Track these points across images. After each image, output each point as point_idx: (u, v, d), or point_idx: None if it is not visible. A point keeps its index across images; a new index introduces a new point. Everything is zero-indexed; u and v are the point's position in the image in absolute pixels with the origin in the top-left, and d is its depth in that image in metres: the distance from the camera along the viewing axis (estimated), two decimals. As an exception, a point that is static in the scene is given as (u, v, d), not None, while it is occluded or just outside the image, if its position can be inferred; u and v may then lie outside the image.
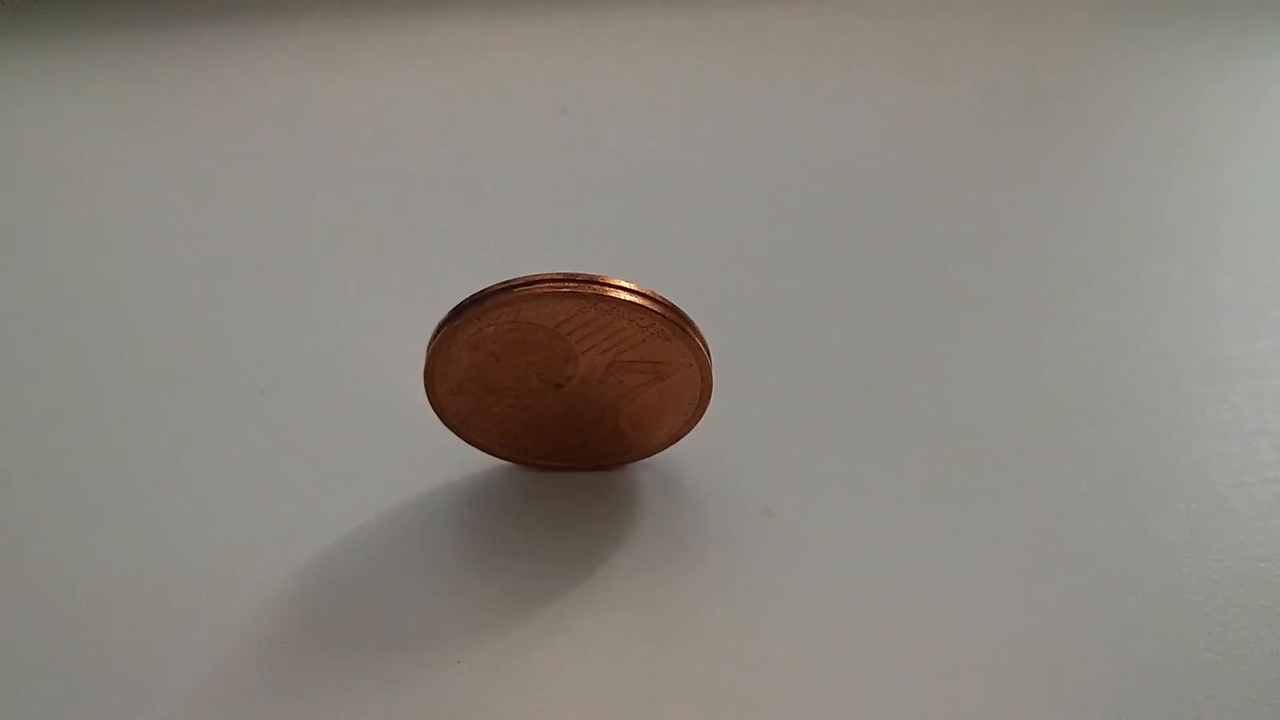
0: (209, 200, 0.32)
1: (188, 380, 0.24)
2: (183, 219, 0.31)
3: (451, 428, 0.20)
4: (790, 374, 0.25)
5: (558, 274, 0.17)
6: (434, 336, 0.18)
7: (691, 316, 0.19)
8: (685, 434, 0.21)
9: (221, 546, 0.20)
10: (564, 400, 0.20)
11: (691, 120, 0.37)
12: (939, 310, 0.27)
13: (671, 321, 0.18)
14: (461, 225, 0.31)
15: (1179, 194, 0.33)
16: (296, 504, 0.21)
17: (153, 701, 0.17)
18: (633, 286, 0.18)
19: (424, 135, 0.36)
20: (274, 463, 0.22)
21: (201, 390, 0.24)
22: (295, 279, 0.28)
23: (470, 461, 0.21)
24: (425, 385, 0.19)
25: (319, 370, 0.25)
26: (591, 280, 0.17)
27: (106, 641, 0.18)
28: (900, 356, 0.25)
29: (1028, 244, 0.30)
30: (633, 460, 0.21)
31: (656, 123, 0.37)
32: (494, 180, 0.33)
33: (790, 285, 0.28)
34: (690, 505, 0.21)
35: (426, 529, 0.20)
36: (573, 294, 0.17)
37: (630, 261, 0.28)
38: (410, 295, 0.27)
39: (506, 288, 0.18)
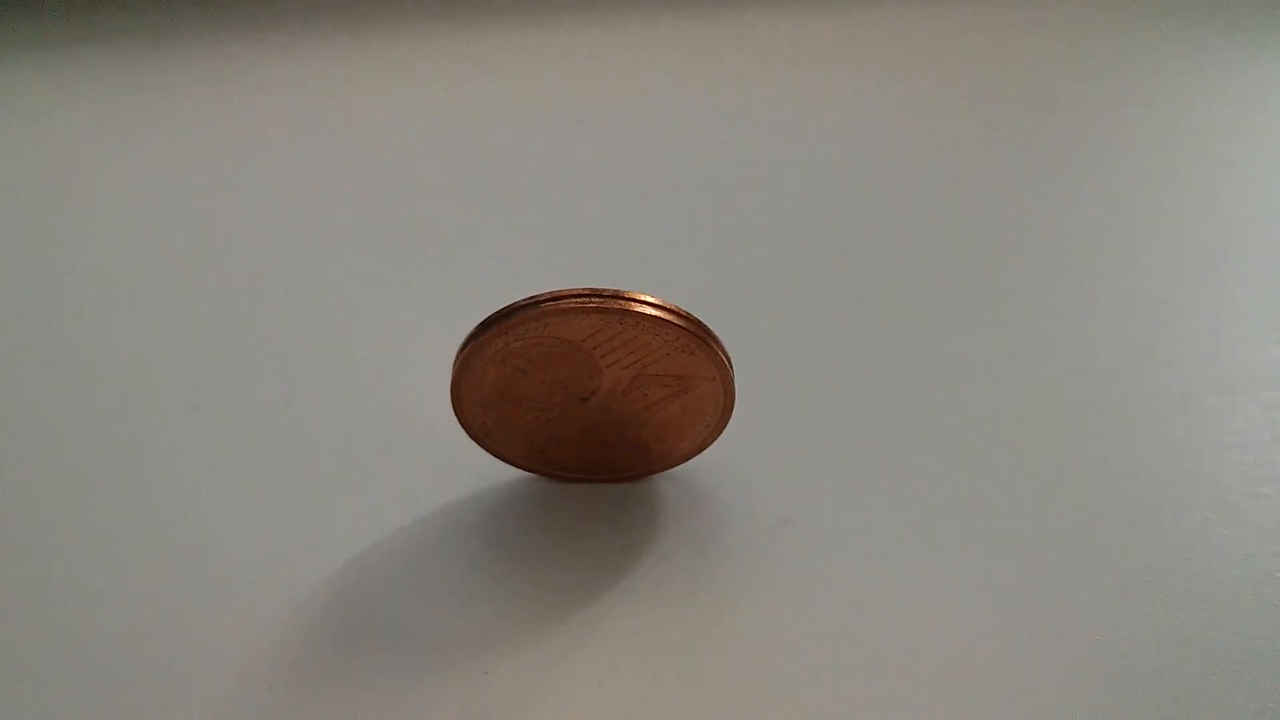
0: (235, 213, 0.32)
1: (213, 393, 0.25)
2: (209, 231, 0.31)
3: (477, 440, 0.21)
4: (808, 385, 0.25)
5: (584, 289, 0.18)
6: (461, 350, 0.19)
7: (714, 329, 0.19)
8: (707, 446, 0.21)
9: (248, 558, 0.20)
10: (589, 413, 0.20)
11: (710, 130, 0.37)
12: (952, 321, 0.27)
13: (695, 336, 0.18)
14: (485, 238, 0.31)
15: (1190, 200, 0.33)
16: (322, 516, 0.21)
17: (182, 709, 0.17)
18: (657, 301, 0.18)
19: (446, 147, 0.36)
20: (300, 475, 0.22)
21: (227, 403, 0.24)
22: (321, 292, 0.28)
23: (494, 473, 0.22)
24: (452, 399, 0.20)
25: (344, 383, 0.25)
26: (617, 295, 0.18)
27: (133, 653, 0.18)
28: (915, 367, 0.25)
29: (1043, 255, 0.30)
30: (655, 472, 0.22)
31: (674, 133, 0.37)
32: (516, 192, 0.33)
33: (809, 296, 0.28)
34: (711, 515, 0.21)
35: (452, 540, 0.21)
36: (599, 309, 0.18)
37: (650, 273, 0.28)
38: (435, 308, 0.27)
39: (533, 303, 0.18)
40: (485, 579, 0.20)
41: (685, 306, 0.19)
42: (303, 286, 0.29)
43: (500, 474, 0.22)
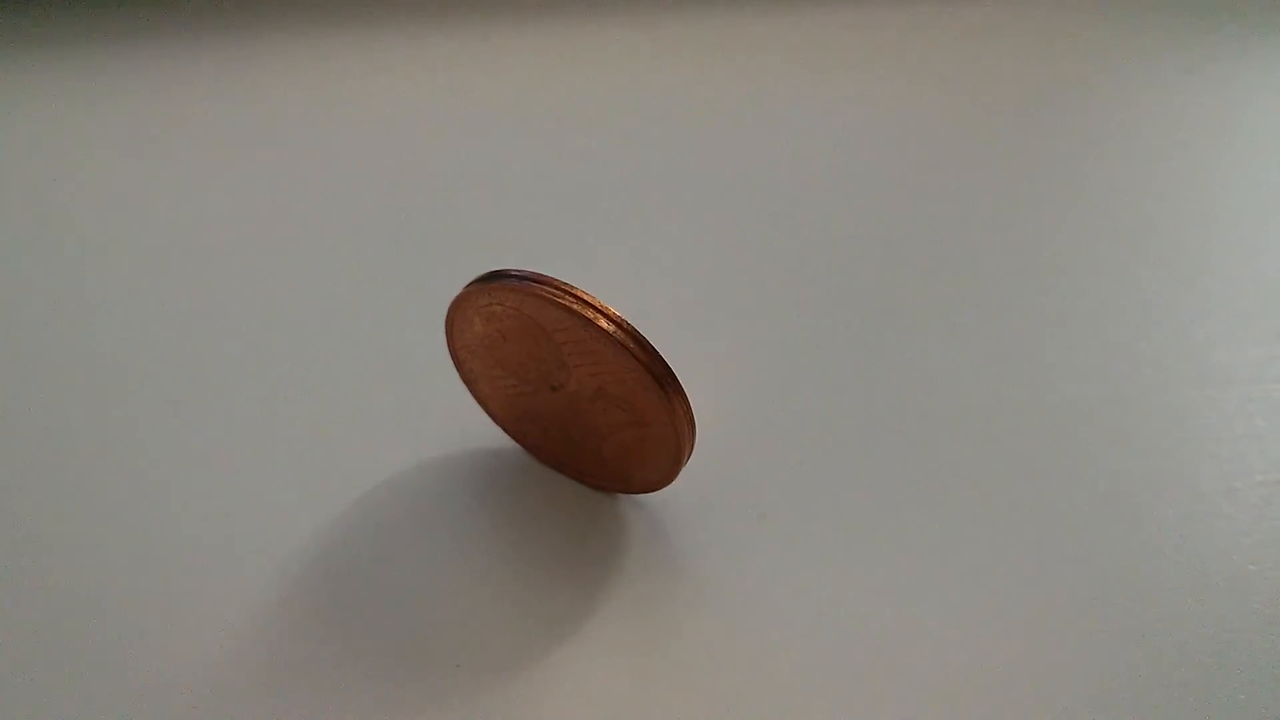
0: (244, 198, 0.31)
1: (201, 377, 0.24)
2: (219, 211, 0.31)
3: (465, 383, 0.21)
4: (783, 381, 0.24)
5: (563, 284, 0.17)
6: (459, 293, 0.19)
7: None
8: (662, 487, 0.20)
9: (224, 535, 0.20)
10: (558, 403, 0.20)
11: (689, 130, 0.36)
12: (928, 318, 0.27)
13: (652, 376, 0.17)
14: (494, 237, 0.30)
15: (1169, 201, 0.33)
16: (290, 502, 0.21)
17: (146, 700, 0.17)
18: (622, 322, 0.17)
19: (444, 144, 0.35)
20: (282, 463, 0.22)
21: (218, 384, 0.24)
22: (316, 283, 0.28)
23: (471, 467, 0.22)
24: (446, 331, 0.20)
25: (330, 362, 0.24)
26: (588, 303, 0.17)
27: (96, 642, 0.18)
28: (891, 364, 0.25)
29: (1018, 253, 0.30)
30: (614, 491, 0.21)
31: (662, 132, 0.36)
32: (515, 188, 0.32)
33: (786, 294, 0.27)
34: (688, 511, 0.21)
35: (428, 532, 0.20)
36: (565, 308, 0.17)
37: (627, 271, 0.28)
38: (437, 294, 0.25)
39: (519, 276, 0.18)
40: (460, 573, 0.20)
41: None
42: (302, 278, 0.28)
43: (478, 468, 0.21)
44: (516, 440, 0.22)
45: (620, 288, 0.19)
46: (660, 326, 0.21)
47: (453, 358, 0.21)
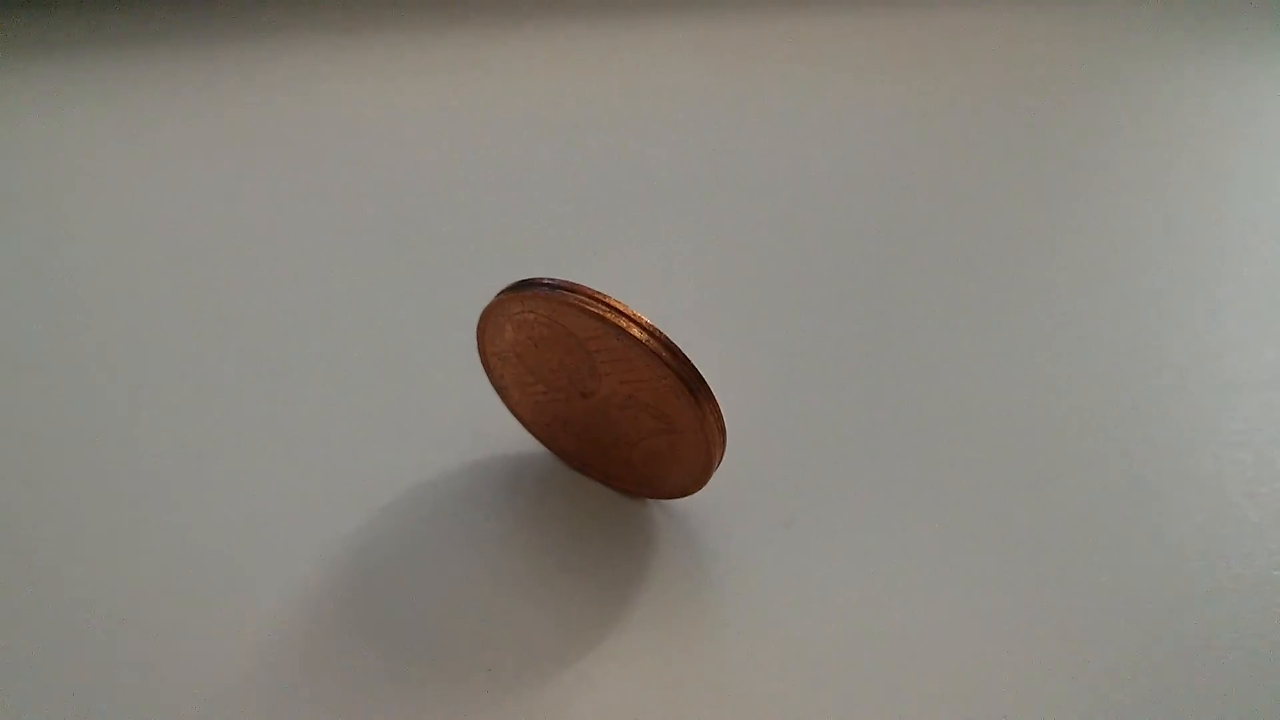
0: (267, 193, 0.32)
1: (225, 374, 0.24)
2: (239, 207, 0.31)
3: (496, 389, 0.21)
4: (808, 388, 0.24)
5: (596, 293, 0.18)
6: (492, 301, 0.19)
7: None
8: (691, 493, 0.20)
9: (254, 540, 0.20)
10: (590, 410, 0.20)
11: (714, 134, 0.36)
12: (947, 323, 0.27)
13: (685, 384, 0.17)
14: (519, 240, 0.30)
15: (1191, 203, 0.33)
16: (322, 503, 0.21)
17: (171, 704, 0.17)
18: (655, 331, 0.17)
19: (460, 147, 0.35)
20: (305, 468, 0.22)
21: (238, 384, 0.24)
22: (339, 287, 0.27)
23: (507, 464, 0.22)
24: (477, 336, 0.20)
25: (362, 366, 0.25)
26: (621, 312, 0.17)
27: (125, 650, 0.18)
28: (912, 370, 0.25)
29: (1037, 256, 0.30)
30: (643, 497, 0.21)
31: (676, 136, 0.36)
32: (531, 192, 0.32)
33: (811, 301, 0.27)
34: (716, 516, 0.21)
35: (457, 536, 0.20)
36: (598, 317, 0.17)
37: (653, 276, 0.28)
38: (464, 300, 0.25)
39: (551, 285, 0.18)
40: (488, 576, 0.20)
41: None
42: (329, 285, 0.28)
43: (508, 473, 0.22)
44: (546, 445, 0.22)
45: (646, 293, 0.19)
46: (684, 331, 0.21)
47: (483, 364, 0.21)
